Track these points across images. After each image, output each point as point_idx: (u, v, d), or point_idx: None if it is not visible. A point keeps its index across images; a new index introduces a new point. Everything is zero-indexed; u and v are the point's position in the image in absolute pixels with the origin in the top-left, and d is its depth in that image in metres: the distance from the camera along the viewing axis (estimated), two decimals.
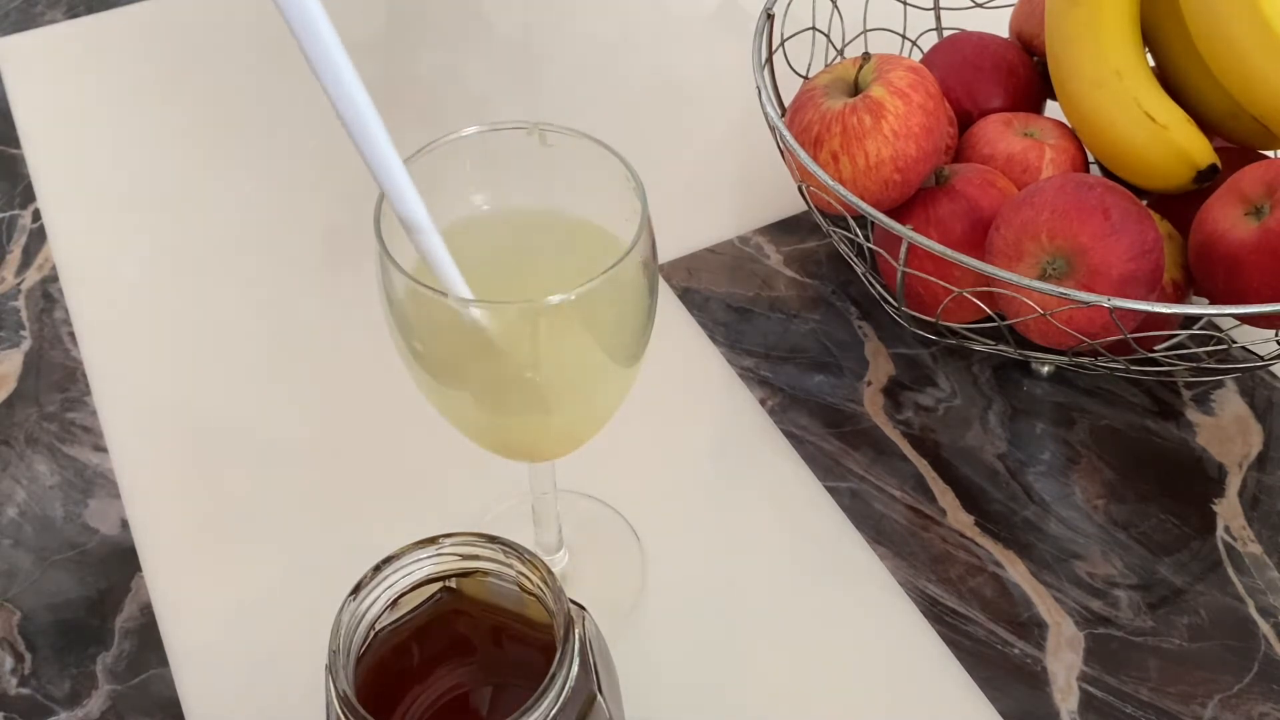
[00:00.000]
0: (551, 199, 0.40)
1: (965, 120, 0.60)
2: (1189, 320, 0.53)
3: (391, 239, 0.35)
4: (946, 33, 0.69)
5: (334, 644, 0.32)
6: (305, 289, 0.62)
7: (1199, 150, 0.53)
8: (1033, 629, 0.48)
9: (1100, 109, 0.55)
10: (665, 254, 0.63)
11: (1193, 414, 0.56)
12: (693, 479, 0.54)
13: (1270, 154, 0.57)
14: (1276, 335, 0.55)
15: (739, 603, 0.49)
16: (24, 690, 0.46)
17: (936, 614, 0.48)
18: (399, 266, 0.34)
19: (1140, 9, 0.55)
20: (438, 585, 0.35)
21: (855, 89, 0.55)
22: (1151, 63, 0.57)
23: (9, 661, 0.47)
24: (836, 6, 0.65)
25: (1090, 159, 0.58)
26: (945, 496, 0.53)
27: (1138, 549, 0.51)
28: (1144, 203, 0.52)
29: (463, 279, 0.35)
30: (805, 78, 0.64)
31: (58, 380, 0.57)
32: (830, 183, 0.52)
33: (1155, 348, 0.53)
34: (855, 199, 0.51)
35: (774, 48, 0.60)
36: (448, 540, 0.34)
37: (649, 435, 0.54)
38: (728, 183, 0.68)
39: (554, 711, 0.31)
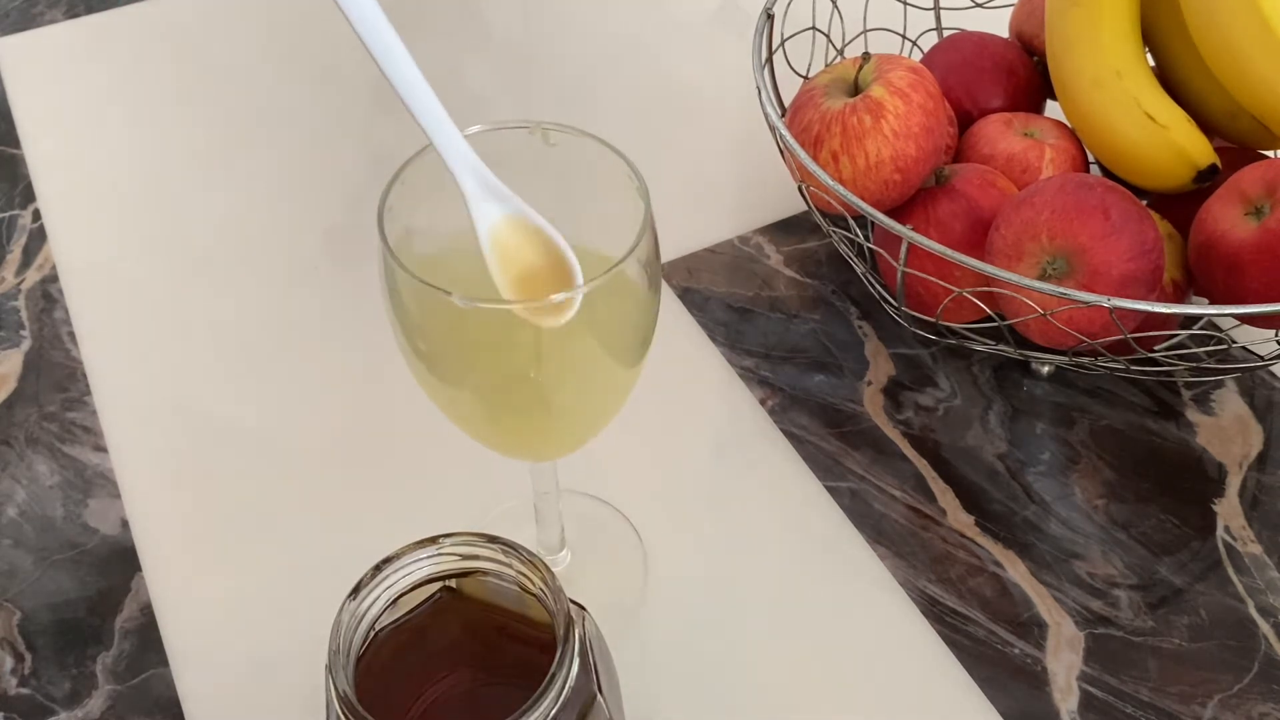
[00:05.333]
0: (552, 198, 0.40)
1: (965, 120, 0.60)
2: (1189, 320, 0.53)
3: (395, 237, 0.35)
4: (946, 33, 0.69)
5: (334, 644, 0.32)
6: (306, 289, 0.62)
7: (1199, 150, 0.53)
8: (1033, 629, 0.48)
9: (1100, 109, 0.55)
10: (665, 254, 0.63)
11: (1193, 414, 0.56)
12: (693, 479, 0.54)
13: (1270, 154, 0.57)
14: (1276, 335, 0.55)
15: (739, 603, 0.49)
16: (24, 690, 0.46)
17: (936, 614, 0.48)
18: (402, 265, 0.34)
19: (1140, 9, 0.55)
20: (438, 585, 0.35)
21: (855, 89, 0.55)
22: (1151, 63, 0.57)
23: (9, 661, 0.47)
24: (836, 6, 0.65)
25: (1090, 159, 0.58)
26: (945, 496, 0.53)
27: (1138, 549, 0.51)
28: (1144, 203, 0.52)
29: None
30: (805, 78, 0.64)
31: (58, 380, 0.57)
32: (830, 183, 0.52)
33: (1155, 348, 0.53)
34: (855, 199, 0.51)
35: (774, 48, 0.60)
36: (448, 540, 0.34)
37: (650, 435, 0.54)
38: (728, 183, 0.68)
39: (554, 711, 0.31)
